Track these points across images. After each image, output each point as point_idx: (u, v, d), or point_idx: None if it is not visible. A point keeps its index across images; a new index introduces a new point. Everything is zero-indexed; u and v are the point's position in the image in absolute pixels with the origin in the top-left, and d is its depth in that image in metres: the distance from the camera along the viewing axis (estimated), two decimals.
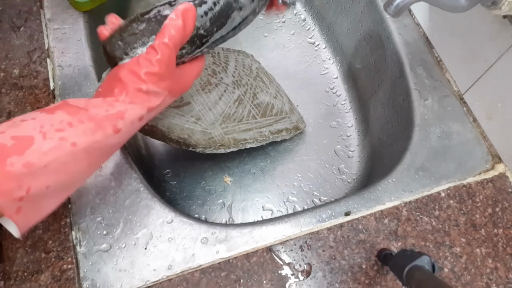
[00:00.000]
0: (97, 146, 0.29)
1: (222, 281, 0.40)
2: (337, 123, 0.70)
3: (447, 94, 0.56)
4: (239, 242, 0.42)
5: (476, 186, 0.50)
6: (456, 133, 0.53)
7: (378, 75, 0.64)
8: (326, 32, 0.77)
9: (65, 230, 0.41)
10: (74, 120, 0.28)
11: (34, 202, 0.26)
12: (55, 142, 0.27)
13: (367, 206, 0.46)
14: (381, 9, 0.62)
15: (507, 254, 0.46)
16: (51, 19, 0.52)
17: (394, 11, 0.42)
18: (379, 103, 0.64)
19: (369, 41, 0.65)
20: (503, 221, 0.48)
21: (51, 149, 0.26)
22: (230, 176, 0.62)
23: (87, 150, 0.29)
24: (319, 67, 0.75)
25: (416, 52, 0.58)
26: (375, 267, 0.43)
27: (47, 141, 0.26)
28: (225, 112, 0.54)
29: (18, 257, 0.39)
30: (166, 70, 0.33)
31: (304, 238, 0.44)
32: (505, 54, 0.47)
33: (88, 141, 0.28)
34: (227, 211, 0.60)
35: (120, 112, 0.31)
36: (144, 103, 0.32)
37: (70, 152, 0.27)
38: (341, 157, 0.67)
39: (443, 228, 0.46)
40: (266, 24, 0.77)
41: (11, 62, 0.49)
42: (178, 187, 0.60)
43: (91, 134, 0.29)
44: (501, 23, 0.47)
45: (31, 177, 0.25)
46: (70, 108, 0.29)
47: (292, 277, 0.42)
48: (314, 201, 0.62)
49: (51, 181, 0.27)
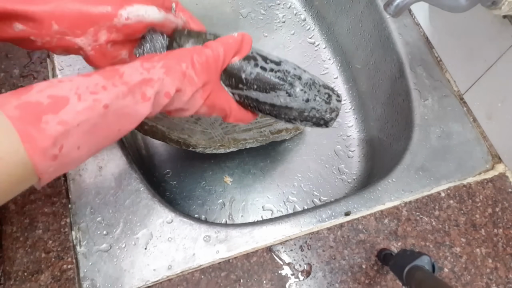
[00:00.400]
0: (126, 111, 0.30)
1: (222, 281, 0.40)
2: (337, 123, 0.70)
3: (447, 94, 0.56)
4: (239, 242, 0.42)
5: (476, 186, 0.50)
6: (456, 133, 0.53)
7: (378, 75, 0.64)
8: (326, 32, 0.77)
9: (65, 230, 0.41)
10: (108, 83, 0.29)
11: (63, 162, 0.27)
12: (88, 103, 0.27)
13: (367, 206, 0.46)
14: (381, 9, 0.62)
15: (507, 254, 0.46)
16: None
17: (394, 11, 0.42)
18: (379, 103, 0.64)
19: (369, 41, 0.65)
20: (503, 221, 0.48)
21: (84, 109, 0.27)
22: (230, 176, 0.62)
23: (117, 113, 0.29)
24: (319, 67, 0.74)
25: (416, 52, 0.58)
26: (375, 267, 0.43)
27: (81, 102, 0.27)
28: None
29: (18, 257, 0.39)
30: (208, 69, 0.34)
31: (304, 238, 0.44)
32: (505, 54, 0.47)
33: (119, 104, 0.29)
34: (227, 211, 0.60)
35: (151, 79, 0.31)
36: (176, 80, 0.32)
37: (102, 113, 0.28)
38: (341, 157, 0.67)
39: (443, 228, 0.46)
40: (266, 24, 0.77)
41: (11, 62, 0.49)
42: (178, 187, 0.60)
43: (122, 98, 0.29)
44: (501, 23, 0.47)
45: (64, 136, 0.26)
46: (106, 72, 0.30)
47: (292, 277, 0.42)
48: (314, 201, 0.62)
49: (82, 141, 0.28)
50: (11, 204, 0.41)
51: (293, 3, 0.79)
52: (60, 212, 0.41)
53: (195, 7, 0.77)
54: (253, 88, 0.37)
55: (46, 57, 0.50)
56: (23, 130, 0.24)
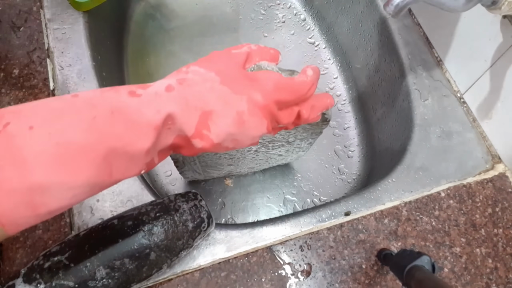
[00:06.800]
0: (103, 100, 0.24)
1: (222, 281, 0.40)
2: (337, 123, 0.70)
3: (447, 94, 0.56)
4: (239, 242, 0.42)
5: (476, 186, 0.50)
6: (456, 133, 0.53)
7: (378, 75, 0.64)
8: (326, 32, 0.77)
9: (65, 230, 0.41)
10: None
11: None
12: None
13: (367, 206, 0.46)
14: (381, 9, 0.62)
15: (507, 254, 0.46)
16: (51, 19, 0.52)
17: (394, 11, 0.42)
18: (379, 103, 0.64)
19: (369, 41, 0.65)
20: (503, 221, 0.48)
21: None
22: (230, 178, 0.62)
23: (90, 101, 0.24)
24: (319, 67, 0.74)
25: (416, 52, 0.58)
26: (375, 267, 0.43)
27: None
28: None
29: (18, 257, 0.39)
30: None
31: (304, 238, 0.44)
32: (505, 54, 0.47)
33: (94, 95, 0.25)
34: (227, 211, 0.60)
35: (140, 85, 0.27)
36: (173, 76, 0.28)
37: (69, 99, 0.24)
38: (341, 157, 0.67)
39: (443, 228, 0.46)
40: (266, 24, 0.77)
41: (11, 62, 0.49)
42: (179, 187, 0.60)
43: (100, 92, 0.25)
44: (501, 23, 0.47)
45: (15, 115, 0.22)
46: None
47: (292, 277, 0.42)
48: (314, 201, 0.62)
49: (35, 122, 0.22)
50: None
51: (293, 3, 0.79)
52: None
53: (195, 7, 0.77)
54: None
55: (46, 57, 0.50)
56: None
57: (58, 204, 0.22)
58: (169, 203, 0.38)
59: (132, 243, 0.34)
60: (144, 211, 0.36)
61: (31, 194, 0.21)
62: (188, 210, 0.38)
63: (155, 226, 0.35)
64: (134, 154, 0.24)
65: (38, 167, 0.21)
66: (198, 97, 0.27)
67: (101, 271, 0.33)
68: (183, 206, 0.38)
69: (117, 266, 0.33)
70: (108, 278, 0.33)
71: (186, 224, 0.37)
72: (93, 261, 0.33)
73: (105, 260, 0.33)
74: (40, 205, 0.21)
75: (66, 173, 0.22)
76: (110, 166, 0.23)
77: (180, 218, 0.37)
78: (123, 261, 0.34)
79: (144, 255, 0.34)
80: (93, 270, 0.33)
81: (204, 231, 0.39)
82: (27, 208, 0.21)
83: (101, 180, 0.23)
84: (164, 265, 0.36)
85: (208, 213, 0.39)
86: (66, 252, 0.33)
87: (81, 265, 0.33)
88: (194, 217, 0.38)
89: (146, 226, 0.35)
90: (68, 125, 0.22)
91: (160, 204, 0.37)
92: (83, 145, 0.22)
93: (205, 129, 0.27)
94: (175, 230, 0.36)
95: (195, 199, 0.39)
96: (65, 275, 0.32)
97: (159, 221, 0.36)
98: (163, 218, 0.36)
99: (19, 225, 0.22)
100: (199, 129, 0.27)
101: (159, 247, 0.35)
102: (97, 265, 0.33)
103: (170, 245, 0.36)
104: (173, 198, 0.38)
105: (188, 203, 0.38)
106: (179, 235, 0.36)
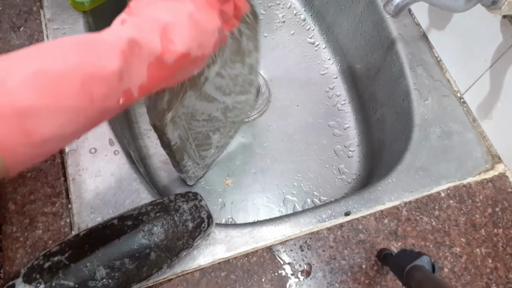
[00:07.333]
0: (67, 40, 0.26)
1: (222, 281, 0.40)
2: (337, 123, 0.70)
3: (447, 94, 0.56)
4: (239, 242, 0.42)
5: (476, 186, 0.50)
6: (456, 133, 0.53)
7: (378, 75, 0.64)
8: (326, 32, 0.77)
9: (65, 230, 0.41)
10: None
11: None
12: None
13: (367, 206, 0.46)
14: (381, 9, 0.62)
15: (507, 254, 0.46)
16: (51, 19, 0.52)
17: (394, 11, 0.42)
18: (379, 103, 0.64)
19: (369, 41, 0.65)
20: (503, 221, 0.48)
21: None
22: (230, 177, 0.62)
23: (55, 43, 0.26)
24: (319, 67, 0.75)
25: (416, 52, 0.58)
26: (375, 267, 0.43)
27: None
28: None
29: (18, 257, 0.39)
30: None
31: (304, 238, 0.44)
32: (505, 54, 0.47)
33: (59, 40, 0.26)
34: (227, 211, 0.60)
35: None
36: None
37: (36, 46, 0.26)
38: (341, 157, 0.67)
39: (443, 228, 0.46)
40: (266, 24, 0.77)
41: None
42: (179, 187, 0.60)
43: (62, 38, 0.27)
44: (501, 23, 0.47)
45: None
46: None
47: (292, 277, 0.42)
48: (314, 201, 0.62)
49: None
50: (11, 204, 0.41)
51: (293, 3, 0.79)
52: (60, 212, 0.41)
53: None
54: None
55: None
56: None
57: (49, 130, 0.24)
58: (169, 203, 0.38)
59: (132, 243, 0.34)
60: (144, 211, 0.37)
61: (21, 119, 0.22)
62: (188, 210, 0.38)
63: (155, 226, 0.35)
64: (108, 78, 0.26)
65: (22, 93, 0.22)
66: (149, 18, 0.29)
67: (101, 271, 0.33)
68: (183, 206, 0.38)
69: (117, 266, 0.33)
70: (108, 278, 0.33)
71: (186, 224, 0.37)
72: (93, 261, 0.33)
73: (105, 260, 0.33)
74: (32, 132, 0.23)
75: (48, 98, 0.23)
76: (89, 92, 0.25)
77: (180, 218, 0.37)
78: (123, 261, 0.34)
79: (144, 255, 0.34)
80: (93, 270, 0.33)
81: (204, 231, 0.39)
82: (21, 135, 0.22)
83: (83, 105, 0.25)
84: (164, 265, 0.36)
85: (208, 213, 0.39)
86: (66, 252, 0.33)
87: (81, 265, 0.33)
88: (194, 217, 0.38)
89: (146, 226, 0.35)
90: (42, 58, 0.24)
91: (160, 204, 0.37)
92: (59, 73, 0.24)
93: (169, 43, 0.28)
94: (175, 230, 0.36)
95: (195, 199, 0.39)
96: (65, 275, 0.32)
97: (159, 221, 0.36)
98: (163, 218, 0.36)
99: (17, 154, 0.23)
100: (165, 45, 0.28)
101: (159, 247, 0.35)
102: (97, 265, 0.33)
103: (170, 245, 0.36)
104: (173, 198, 0.38)
105: (188, 203, 0.38)
106: (179, 235, 0.36)
